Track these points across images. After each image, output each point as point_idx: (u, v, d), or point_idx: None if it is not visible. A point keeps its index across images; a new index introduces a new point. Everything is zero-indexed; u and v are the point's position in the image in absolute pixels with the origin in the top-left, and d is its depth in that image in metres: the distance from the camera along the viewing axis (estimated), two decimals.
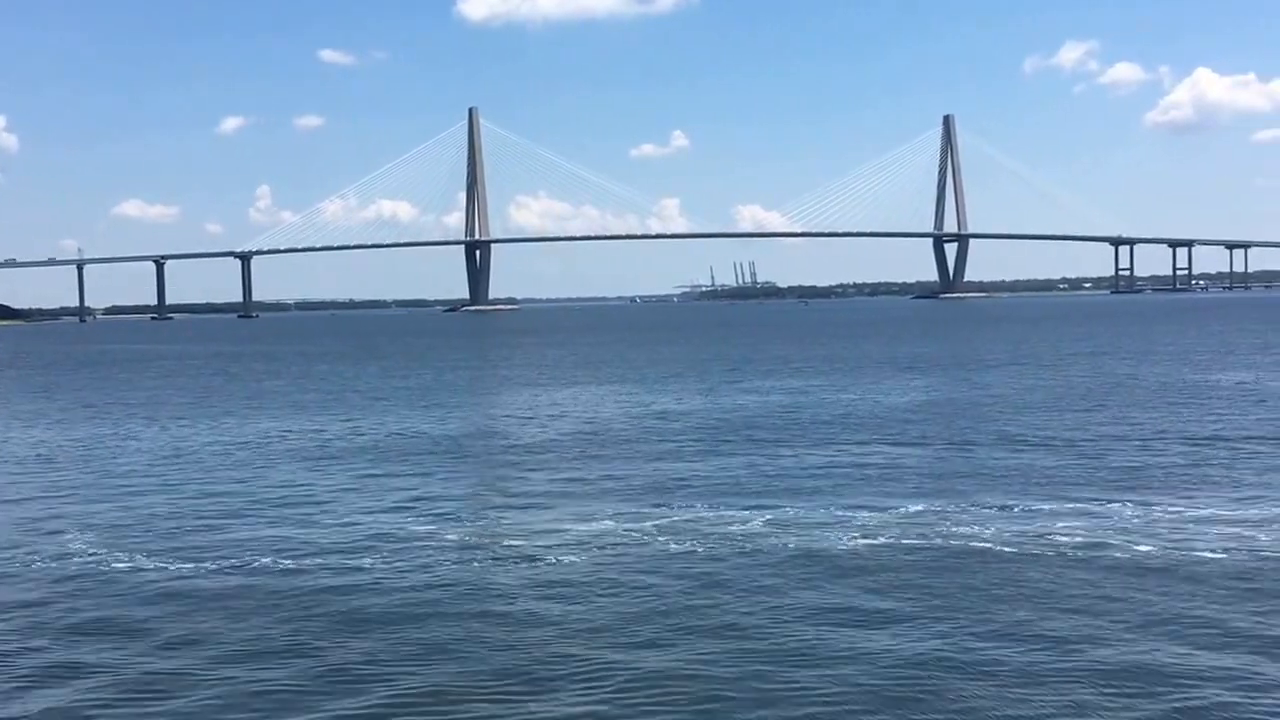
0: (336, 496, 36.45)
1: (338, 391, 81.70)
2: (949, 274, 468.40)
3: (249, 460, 45.47)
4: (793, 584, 24.09)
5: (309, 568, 26.66)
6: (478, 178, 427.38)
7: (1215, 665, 18.59)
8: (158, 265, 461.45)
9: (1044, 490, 34.06)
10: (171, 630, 22.08)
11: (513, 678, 18.93)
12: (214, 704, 18.20)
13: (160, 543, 29.86)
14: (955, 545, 26.99)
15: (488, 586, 24.70)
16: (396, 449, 47.96)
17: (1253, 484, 34.56)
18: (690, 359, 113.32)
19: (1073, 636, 20.16)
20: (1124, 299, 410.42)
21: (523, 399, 71.91)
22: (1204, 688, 17.65)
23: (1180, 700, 17.20)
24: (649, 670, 19.07)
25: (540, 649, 20.33)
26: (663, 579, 24.77)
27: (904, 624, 21.20)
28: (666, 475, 38.93)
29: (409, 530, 30.57)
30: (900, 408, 59.75)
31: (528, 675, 19.03)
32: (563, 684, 18.58)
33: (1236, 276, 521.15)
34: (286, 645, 20.96)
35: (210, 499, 36.48)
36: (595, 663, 19.52)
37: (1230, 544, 26.47)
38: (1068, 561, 25.25)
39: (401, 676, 19.12)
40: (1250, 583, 23.30)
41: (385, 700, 18.17)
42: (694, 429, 52.35)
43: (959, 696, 17.59)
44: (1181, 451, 41.41)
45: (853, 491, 34.85)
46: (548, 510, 33.27)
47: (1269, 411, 53.38)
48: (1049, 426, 49.53)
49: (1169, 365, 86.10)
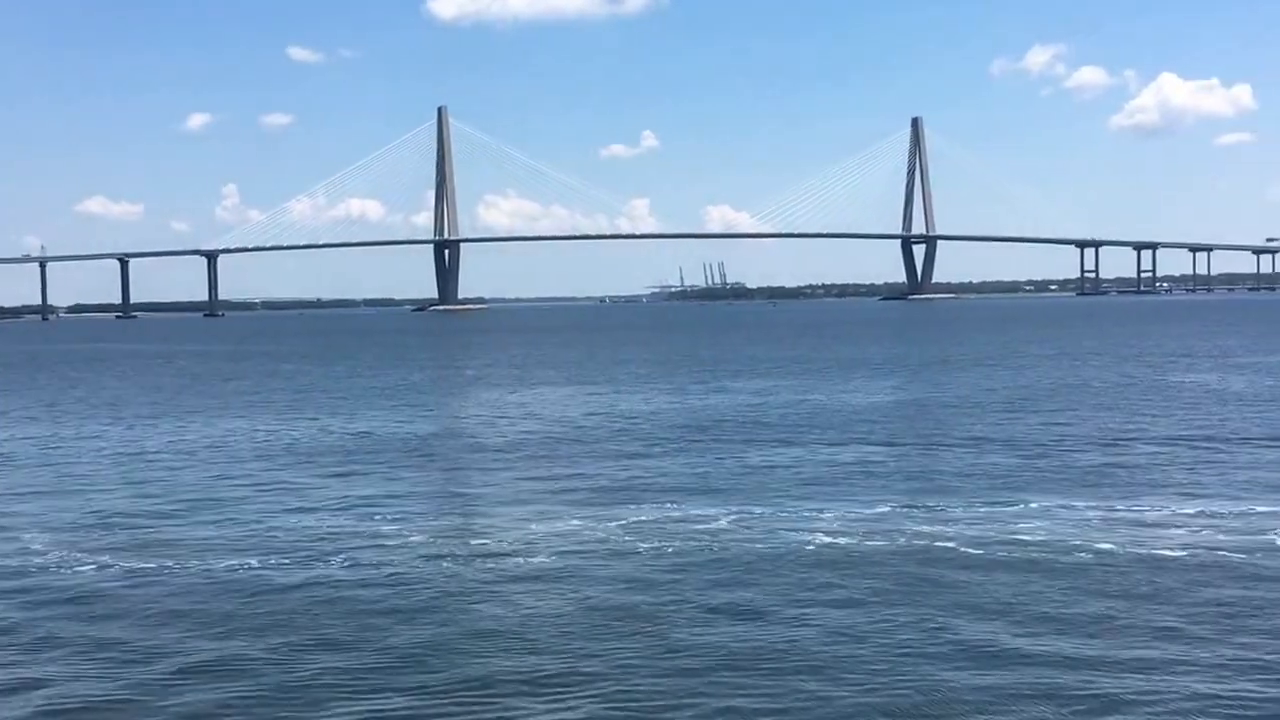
0: (301, 496, 36.25)
1: (304, 391, 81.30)
2: (917, 275, 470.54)
3: (213, 460, 45.16)
4: (761, 584, 24.10)
5: (272, 568, 26.48)
6: (447, 177, 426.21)
7: (1175, 661, 18.73)
8: (122, 263, 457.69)
9: (1009, 491, 34.23)
10: (131, 634, 21.83)
11: (479, 680, 18.84)
12: (173, 711, 18.00)
13: (121, 543, 29.57)
14: (919, 545, 27.09)
15: (453, 587, 24.60)
16: (362, 449, 47.76)
17: (1214, 484, 34.86)
18: (659, 359, 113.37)
19: (1037, 636, 20.26)
20: (1089, 301, 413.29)
21: (490, 399, 71.77)
22: (1165, 683, 17.77)
23: (1141, 697, 17.31)
24: (617, 670, 19.04)
25: (508, 651, 20.26)
26: (630, 579, 24.74)
27: (868, 624, 21.25)
28: (634, 475, 38.92)
29: (374, 530, 30.43)
30: (867, 408, 59.98)
31: (494, 678, 18.96)
32: (530, 686, 18.52)
33: (1200, 279, 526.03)
34: (248, 648, 20.76)
35: (173, 499, 36.20)
36: (563, 665, 19.47)
37: (1191, 543, 26.67)
38: (1032, 562, 25.37)
39: (366, 679, 19.00)
40: (1211, 584, 23.46)
41: (350, 704, 18.05)
42: (662, 429, 52.36)
43: (922, 695, 17.65)
44: (1145, 452, 41.74)
45: (819, 492, 34.93)
46: (514, 510, 33.19)
47: (1231, 412, 53.89)
48: (1014, 427, 49.82)
49: (1133, 367, 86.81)
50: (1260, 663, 18.72)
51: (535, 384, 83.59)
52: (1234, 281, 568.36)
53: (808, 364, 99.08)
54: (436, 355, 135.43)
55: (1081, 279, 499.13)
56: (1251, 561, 25.02)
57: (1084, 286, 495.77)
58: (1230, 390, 65.47)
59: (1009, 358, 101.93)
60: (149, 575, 26.07)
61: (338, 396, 75.77)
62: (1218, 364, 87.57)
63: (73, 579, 25.90)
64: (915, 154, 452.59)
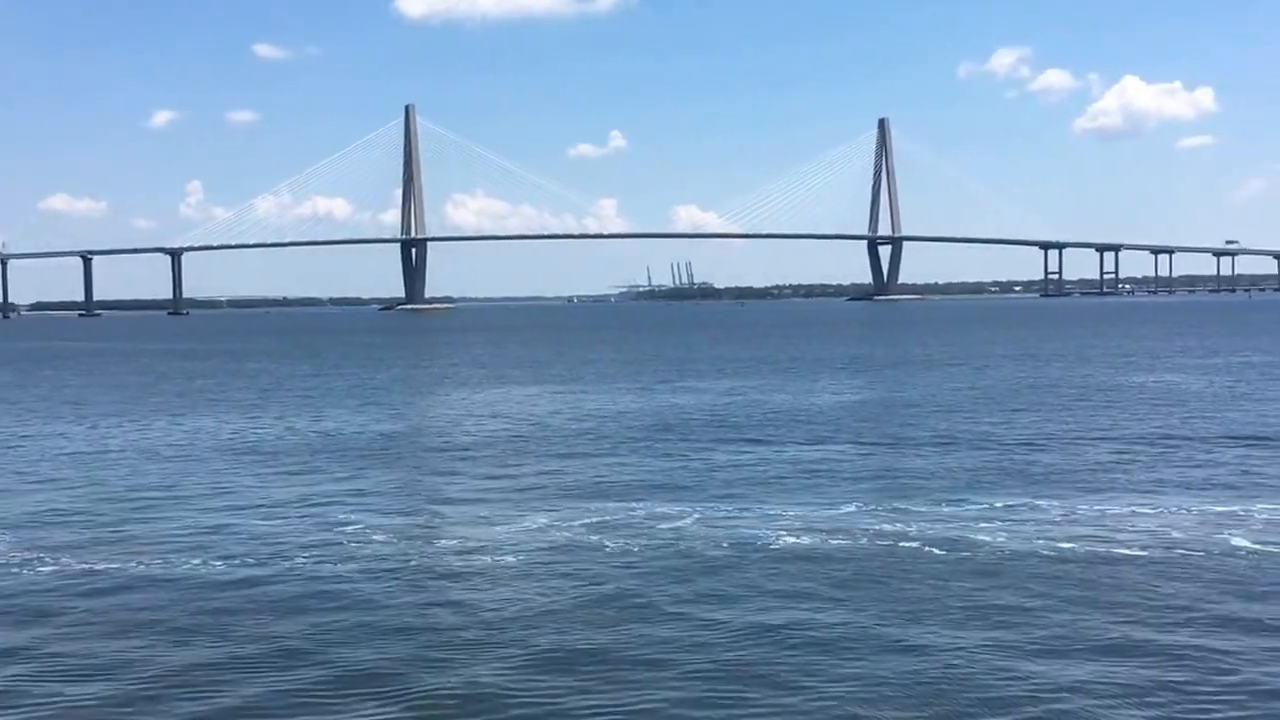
0: (266, 495, 36.05)
1: (269, 390, 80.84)
2: (883, 276, 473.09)
3: (175, 459, 44.83)
4: (725, 583, 24.15)
5: (235, 566, 26.33)
6: (414, 175, 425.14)
7: (1136, 658, 18.91)
8: (85, 261, 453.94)
9: (973, 490, 34.42)
10: (88, 637, 21.63)
11: (442, 684, 18.80)
12: (130, 712, 17.88)
13: (81, 542, 29.30)
14: (883, 545, 27.21)
15: (418, 586, 24.53)
16: (326, 448, 47.53)
17: (1174, 483, 35.18)
18: (626, 359, 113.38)
19: (999, 633, 20.40)
20: (1053, 302, 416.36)
21: (457, 398, 71.60)
22: (1123, 679, 17.94)
23: (1097, 696, 17.46)
24: (580, 670, 19.04)
25: (471, 652, 20.22)
26: (594, 579, 24.73)
27: (832, 623, 21.34)
28: (600, 474, 38.92)
29: (337, 530, 30.27)
30: (833, 408, 60.20)
31: (459, 680, 18.92)
32: (496, 691, 18.47)
33: (1162, 281, 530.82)
34: (208, 653, 20.62)
35: (134, 498, 35.91)
36: (526, 665, 19.45)
37: (1150, 542, 26.92)
38: (995, 561, 25.54)
39: (335, 688, 18.90)
40: (1171, 582, 23.68)
41: (309, 709, 17.97)
42: (628, 428, 52.37)
43: (882, 693, 17.74)
44: (1106, 451, 42.04)
45: (784, 491, 35.04)
46: (479, 510, 33.11)
47: (1190, 412, 54.40)
48: (978, 427, 50.12)
49: (1096, 367, 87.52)
50: (1216, 659, 18.93)
51: (501, 383, 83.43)
52: (1195, 283, 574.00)
53: (774, 364, 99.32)
54: (403, 354, 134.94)
55: (1045, 280, 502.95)
56: (1208, 560, 25.28)
57: (1048, 288, 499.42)
58: (1190, 390, 66.09)
59: (973, 358, 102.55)
60: (108, 576, 25.83)
61: (302, 395, 75.38)
62: (1177, 364, 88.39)
63: (30, 579, 25.64)
64: (882, 155, 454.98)
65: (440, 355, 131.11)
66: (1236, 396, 62.29)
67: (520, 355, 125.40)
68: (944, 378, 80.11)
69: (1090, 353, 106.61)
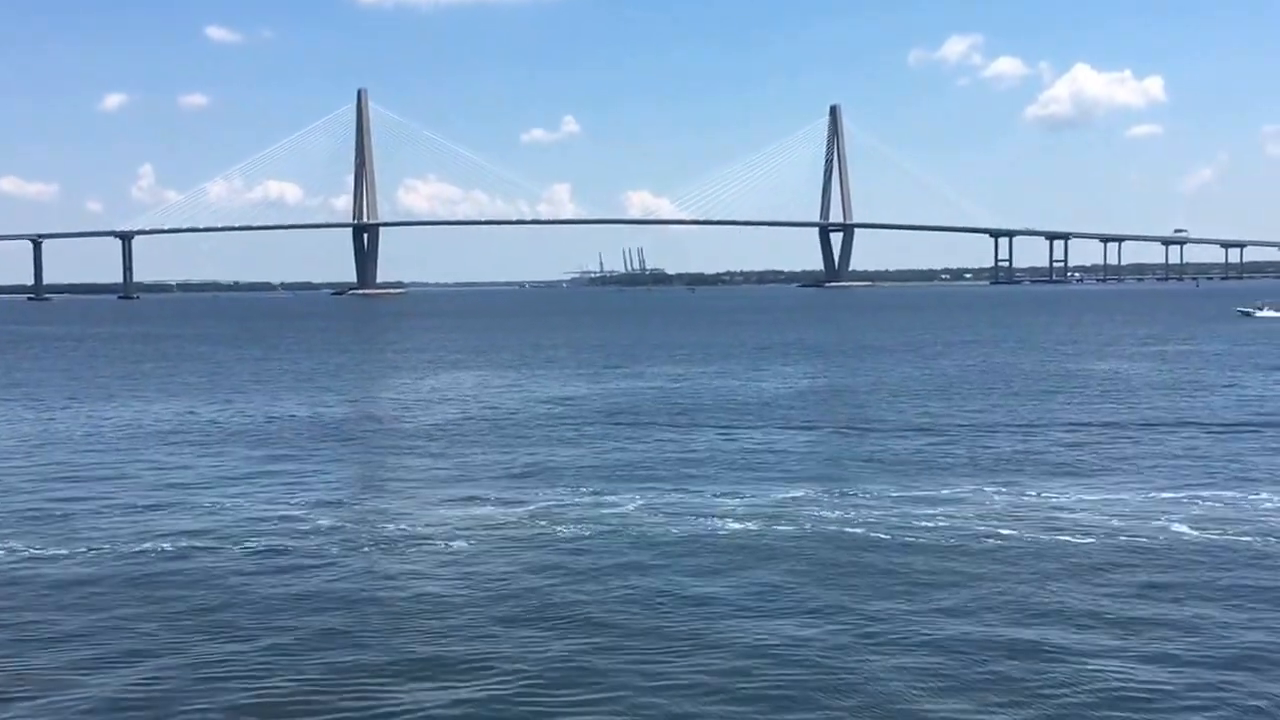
0: (213, 481, 35.78)
1: (218, 375, 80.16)
2: (834, 263, 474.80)
3: (122, 444, 44.41)
4: (673, 567, 24.29)
5: (181, 553, 26.13)
6: (366, 160, 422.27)
7: (1078, 643, 19.19)
8: (35, 244, 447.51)
9: (920, 475, 34.74)
10: (32, 621, 21.44)
11: (392, 665, 18.80)
12: (74, 703, 17.70)
13: (27, 528, 29.03)
14: (830, 531, 27.42)
15: (363, 572, 24.49)
16: (277, 433, 47.25)
17: (1123, 470, 35.65)
18: (577, 344, 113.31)
19: (946, 619, 20.64)
20: (1003, 289, 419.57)
21: (407, 384, 71.32)
22: (1067, 663, 18.21)
23: (1046, 679, 17.72)
24: (531, 656, 19.09)
25: (421, 635, 20.23)
26: (543, 563, 24.80)
27: (778, 607, 21.52)
28: (550, 460, 38.94)
29: (284, 514, 30.14)
30: (783, 394, 60.50)
31: (407, 662, 18.93)
32: (442, 672, 18.49)
33: (1110, 269, 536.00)
34: (156, 638, 20.48)
35: (81, 483, 35.57)
36: (471, 648, 19.48)
37: (1096, 528, 27.29)
38: (942, 546, 25.81)
39: (276, 667, 18.86)
40: (1116, 567, 24.04)
41: (256, 695, 17.89)
42: (578, 414, 52.39)
43: (826, 676, 17.91)
44: (1054, 438, 42.53)
45: (733, 476, 35.21)
46: (429, 495, 33.07)
47: (1139, 399, 55.12)
48: (928, 413, 50.53)
49: (1044, 354, 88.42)
50: (1153, 642, 19.26)
51: (451, 369, 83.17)
52: (1143, 271, 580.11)
53: (725, 349, 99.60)
54: (354, 340, 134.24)
55: (995, 268, 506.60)
56: (1152, 545, 25.67)
57: (998, 275, 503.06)
58: (1138, 376, 66.93)
59: (923, 345, 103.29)
60: (54, 561, 25.61)
61: (251, 380, 74.81)
62: (1127, 352, 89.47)
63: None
64: (833, 143, 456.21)
65: (391, 340, 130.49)
66: (1180, 384, 63.18)
67: (472, 341, 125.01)
68: (895, 364, 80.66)
69: (1039, 340, 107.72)
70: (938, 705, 16.80)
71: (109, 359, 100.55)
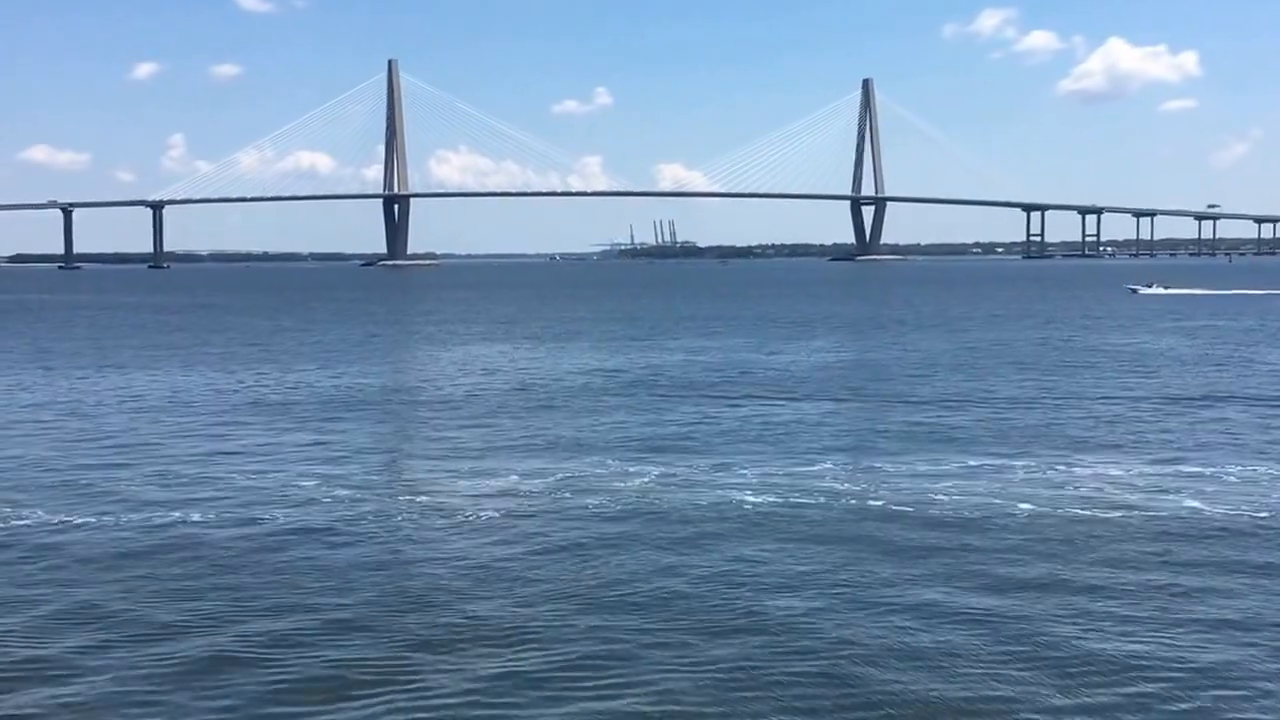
0: (244, 450, 35.96)
1: (248, 345, 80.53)
2: (865, 236, 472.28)
3: (153, 413, 44.67)
4: (701, 538, 24.27)
5: (212, 522, 26.29)
6: (397, 131, 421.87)
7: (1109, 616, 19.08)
8: (66, 213, 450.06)
9: (950, 449, 34.54)
10: (60, 592, 21.56)
11: (422, 638, 18.84)
12: (103, 672, 17.86)
13: (57, 497, 29.24)
14: (858, 504, 27.33)
15: (394, 544, 24.54)
16: (307, 403, 47.43)
17: (1149, 445, 35.38)
18: (607, 317, 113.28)
19: (967, 594, 20.55)
20: (1035, 264, 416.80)
21: (437, 355, 71.47)
22: (1096, 638, 18.11)
23: (1071, 650, 17.62)
24: (563, 629, 19.10)
25: (450, 609, 20.21)
26: (573, 536, 24.80)
27: (798, 581, 21.46)
28: (580, 431, 38.93)
29: (315, 484, 30.23)
30: (814, 367, 60.33)
31: (437, 635, 18.95)
32: (472, 645, 18.51)
33: (1143, 244, 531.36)
34: (184, 609, 20.61)
35: (112, 452, 35.80)
36: (508, 622, 19.49)
37: (1122, 503, 27.09)
38: (970, 519, 25.68)
39: (306, 640, 18.90)
40: (1158, 542, 23.87)
41: (291, 669, 17.95)
42: (608, 387, 52.41)
43: (851, 647, 17.86)
44: (1085, 413, 42.23)
45: (760, 449, 35.12)
46: (457, 466, 33.10)
47: (1171, 374, 54.72)
48: (959, 388, 50.29)
49: (1075, 330, 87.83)
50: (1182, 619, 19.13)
51: (481, 340, 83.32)
52: (1176, 246, 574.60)
53: (755, 322, 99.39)
54: (384, 310, 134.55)
55: (1028, 242, 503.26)
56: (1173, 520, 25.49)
57: (1030, 250, 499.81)
58: (1170, 352, 66.42)
59: (956, 320, 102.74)
60: (85, 529, 25.79)
61: (282, 351, 75.14)
62: (1157, 327, 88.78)
63: (3, 532, 25.58)
64: (866, 116, 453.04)
65: (423, 312, 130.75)
66: (1209, 359, 62.67)
67: (502, 313, 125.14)
68: (927, 338, 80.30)
69: (1070, 315, 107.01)
70: (960, 684, 16.72)
71: (140, 328, 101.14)
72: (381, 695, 16.43)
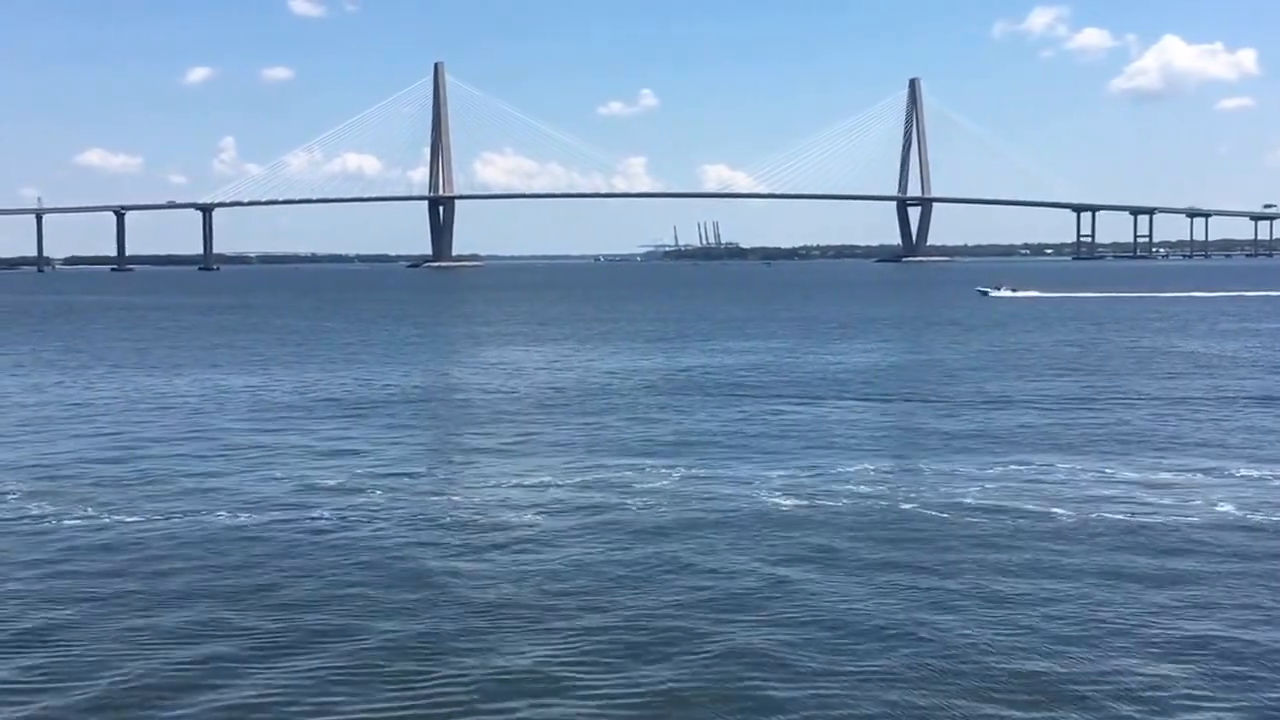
0: (290, 449, 36.20)
1: (295, 345, 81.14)
2: (912, 238, 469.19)
3: (203, 411, 45.10)
4: (743, 538, 24.19)
5: (259, 521, 26.43)
6: (442, 133, 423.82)
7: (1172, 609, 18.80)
8: (119, 216, 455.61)
9: (1004, 450, 34.24)
10: (111, 585, 21.74)
11: (463, 632, 18.84)
12: (150, 667, 17.94)
13: (107, 495, 29.50)
14: (897, 506, 27.13)
15: (436, 541, 24.58)
16: (353, 403, 47.68)
17: (1194, 447, 34.91)
18: (651, 318, 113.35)
19: (1014, 597, 20.32)
20: (1085, 265, 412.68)
21: (481, 356, 71.67)
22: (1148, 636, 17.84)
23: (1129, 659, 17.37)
24: (598, 626, 19.05)
25: (491, 604, 20.23)
26: (616, 537, 24.75)
27: (838, 583, 21.30)
28: (622, 431, 38.94)
29: (359, 486, 30.33)
30: (858, 369, 60.04)
31: (477, 630, 18.96)
32: (512, 640, 18.50)
33: (1197, 245, 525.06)
34: (220, 603, 20.69)
35: (162, 449, 36.15)
36: (546, 618, 19.47)
37: (1172, 506, 26.73)
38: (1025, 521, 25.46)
39: (338, 636, 18.92)
40: (1241, 548, 23.53)
41: (332, 659, 17.99)
42: (652, 387, 52.41)
43: (890, 645, 17.68)
44: (1135, 414, 41.76)
45: (799, 451, 34.99)
46: (496, 465, 33.17)
47: (1225, 377, 54.01)
48: (1010, 388, 49.88)
49: (1127, 332, 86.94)
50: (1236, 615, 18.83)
51: (527, 341, 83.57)
52: (1230, 247, 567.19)
53: (800, 324, 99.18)
54: (430, 311, 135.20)
55: (1078, 243, 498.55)
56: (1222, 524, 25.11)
57: (1080, 251, 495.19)
58: (1226, 355, 65.63)
59: (1006, 321, 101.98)
60: (133, 527, 26.00)
61: (329, 351, 75.65)
62: (1214, 330, 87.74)
63: (52, 529, 25.81)
64: (912, 116, 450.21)
65: (468, 313, 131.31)
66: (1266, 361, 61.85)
67: (546, 314, 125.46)
68: (973, 339, 79.74)
69: (1122, 314, 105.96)
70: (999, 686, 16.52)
71: (191, 328, 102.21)
72: (414, 684, 16.48)
